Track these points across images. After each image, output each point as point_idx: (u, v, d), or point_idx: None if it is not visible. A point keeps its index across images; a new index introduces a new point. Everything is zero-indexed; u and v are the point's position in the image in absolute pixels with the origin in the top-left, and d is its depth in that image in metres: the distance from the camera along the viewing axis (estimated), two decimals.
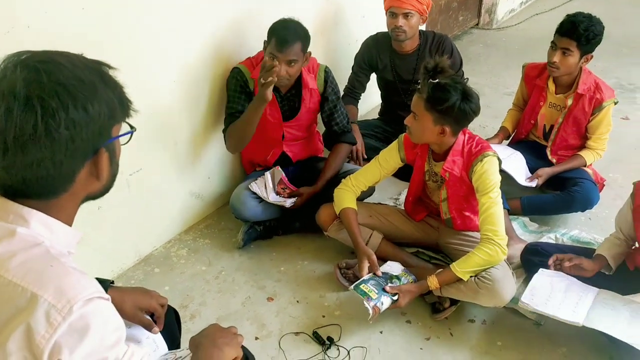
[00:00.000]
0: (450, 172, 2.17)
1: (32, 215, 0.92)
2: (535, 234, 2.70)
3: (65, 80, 0.86)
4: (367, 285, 2.10)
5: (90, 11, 1.96)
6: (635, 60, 4.86)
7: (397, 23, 2.88)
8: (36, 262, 0.88)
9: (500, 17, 5.81)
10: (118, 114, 0.96)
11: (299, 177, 2.73)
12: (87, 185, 0.97)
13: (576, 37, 2.58)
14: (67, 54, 0.92)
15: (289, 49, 2.35)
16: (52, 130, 0.84)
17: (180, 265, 2.55)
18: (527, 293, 2.08)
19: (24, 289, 0.85)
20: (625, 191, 3.04)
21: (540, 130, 2.95)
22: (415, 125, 2.13)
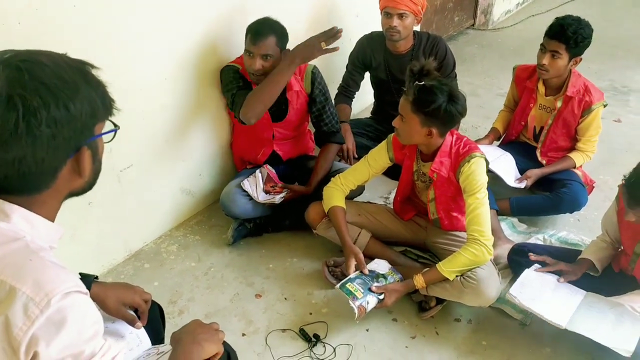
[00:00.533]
0: (438, 172, 2.19)
1: (14, 210, 0.93)
2: (523, 234, 2.72)
3: (47, 79, 0.88)
4: (353, 284, 2.12)
5: (81, 8, 1.97)
6: (629, 63, 4.88)
7: (392, 23, 2.89)
8: (15, 256, 0.90)
9: (496, 18, 5.82)
10: (100, 112, 0.97)
11: (289, 176, 2.75)
12: (70, 182, 0.98)
13: (565, 39, 2.60)
14: (50, 54, 0.93)
15: (262, 42, 2.37)
16: (34, 128, 0.86)
17: (170, 261, 2.56)
18: (516, 286, 2.11)
19: (2, 281, 0.86)
20: (614, 193, 3.05)
21: (531, 132, 2.97)
22: (402, 127, 2.14)
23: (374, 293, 2.11)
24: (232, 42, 2.69)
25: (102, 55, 2.06)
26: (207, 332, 1.26)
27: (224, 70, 2.57)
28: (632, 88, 4.45)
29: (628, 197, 1.93)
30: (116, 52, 2.14)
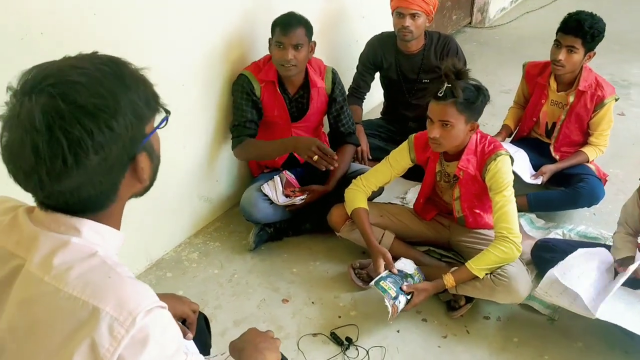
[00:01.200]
0: (465, 170, 2.19)
1: (84, 223, 0.91)
2: (542, 230, 2.74)
3: (83, 101, 0.82)
4: (386, 283, 2.11)
5: (101, 16, 1.95)
6: (626, 57, 4.94)
7: (404, 23, 2.90)
8: (94, 274, 0.87)
9: (492, 16, 5.85)
10: (147, 113, 0.93)
11: (306, 178, 2.73)
12: (131, 187, 0.96)
13: (582, 34, 2.62)
14: (81, 63, 0.87)
15: (293, 31, 2.39)
16: (82, 158, 0.82)
17: (192, 269, 2.54)
18: (543, 284, 2.10)
19: (84, 302, 0.83)
20: (627, 186, 3.11)
21: (543, 128, 2.99)
22: (447, 133, 2.09)
23: (404, 292, 2.11)
24: (249, 47, 2.69)
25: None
26: (266, 340, 1.25)
27: (236, 82, 2.57)
28: (631, 82, 4.49)
29: None
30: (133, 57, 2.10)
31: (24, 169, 0.84)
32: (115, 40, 2.02)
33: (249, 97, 2.53)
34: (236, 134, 2.58)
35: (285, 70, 2.46)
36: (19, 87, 0.84)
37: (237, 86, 2.55)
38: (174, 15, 2.26)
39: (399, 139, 3.23)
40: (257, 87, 2.53)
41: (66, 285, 0.85)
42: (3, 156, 0.86)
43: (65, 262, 0.87)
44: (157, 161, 1.00)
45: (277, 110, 2.58)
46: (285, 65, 2.42)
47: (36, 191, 0.87)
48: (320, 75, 2.60)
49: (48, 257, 0.87)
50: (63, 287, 0.85)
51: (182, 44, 2.33)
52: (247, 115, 2.54)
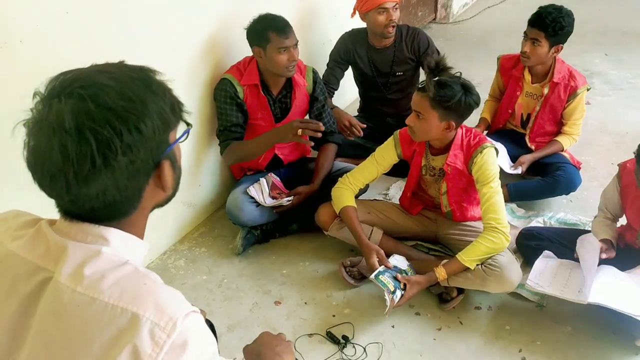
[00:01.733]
0: (453, 166, 2.22)
1: (111, 233, 0.90)
2: (523, 219, 2.80)
3: (112, 103, 0.83)
4: (385, 277, 2.12)
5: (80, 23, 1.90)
6: (586, 48, 5.09)
7: (392, 17, 2.94)
8: (129, 281, 0.86)
9: (455, 11, 5.96)
10: (172, 121, 0.93)
11: (290, 179, 2.73)
12: (154, 197, 0.95)
13: (543, 27, 2.69)
14: (109, 69, 0.89)
15: (291, 32, 2.42)
16: (111, 160, 0.82)
17: (179, 276, 2.50)
18: (532, 275, 2.16)
19: (123, 309, 0.82)
20: (599, 172, 3.22)
21: (518, 119, 3.06)
22: (419, 124, 2.15)
23: (400, 287, 2.13)
24: (226, 50, 2.66)
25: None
26: (282, 343, 1.24)
27: (218, 86, 2.54)
28: (593, 71, 4.64)
29: None
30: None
31: (51, 172, 0.82)
32: (94, 47, 1.97)
33: (232, 100, 2.51)
34: (222, 138, 2.56)
35: (290, 72, 2.47)
36: (46, 92, 0.84)
37: (220, 90, 2.52)
38: (152, 21, 2.22)
39: (377, 136, 3.25)
40: (240, 90, 2.51)
41: (101, 293, 0.84)
42: (28, 162, 0.84)
43: (97, 272, 0.86)
44: (179, 172, 1.00)
45: (261, 112, 2.57)
46: (293, 65, 2.44)
47: (62, 195, 0.85)
48: (301, 74, 2.60)
49: (79, 267, 0.85)
50: (98, 296, 0.83)
51: (161, 49, 2.29)
52: (232, 119, 2.53)
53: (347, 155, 3.14)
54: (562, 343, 2.13)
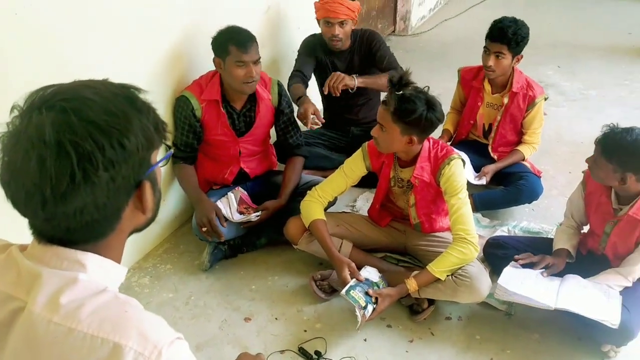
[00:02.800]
0: (420, 178, 2.23)
1: (88, 258, 0.85)
2: (488, 228, 2.84)
3: (95, 116, 0.79)
4: (356, 292, 2.11)
5: (34, 40, 1.83)
6: (539, 60, 5.25)
7: (334, 32, 2.96)
8: (109, 310, 0.81)
9: (414, 24, 6.05)
10: (155, 139, 0.89)
11: (258, 193, 2.69)
12: (133, 219, 0.91)
13: (506, 41, 2.76)
14: (93, 84, 0.85)
15: (251, 48, 2.36)
16: (91, 175, 0.78)
17: (144, 294, 2.41)
18: (500, 285, 2.18)
19: (103, 339, 0.78)
20: (558, 181, 3.30)
21: (480, 130, 3.11)
22: (382, 136, 2.17)
23: (371, 301, 2.12)
24: (188, 65, 2.62)
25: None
26: None
27: (176, 103, 2.51)
28: (547, 83, 4.78)
29: (601, 149, 2.05)
30: (67, 79, 1.99)
31: (27, 187, 0.77)
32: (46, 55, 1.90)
33: (186, 120, 2.48)
34: (174, 152, 2.55)
35: (248, 88, 2.42)
36: (25, 106, 0.80)
37: (177, 107, 2.49)
38: (112, 32, 2.16)
39: (342, 146, 3.27)
40: (198, 107, 2.47)
41: (79, 323, 0.79)
42: (2, 178, 0.80)
43: (75, 300, 0.81)
44: (159, 195, 0.97)
45: (221, 129, 2.52)
46: (249, 82, 2.38)
47: (37, 213, 0.80)
48: (266, 88, 2.57)
49: (54, 296, 0.80)
50: (76, 326, 0.79)
51: (122, 64, 2.22)
52: (183, 138, 2.52)
53: (313, 167, 3.13)
54: (530, 351, 2.16)
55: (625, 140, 2.00)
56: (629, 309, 2.02)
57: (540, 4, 7.20)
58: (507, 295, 2.13)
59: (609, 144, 2.03)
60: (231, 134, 2.54)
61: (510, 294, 2.12)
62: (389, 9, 5.65)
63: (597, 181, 2.17)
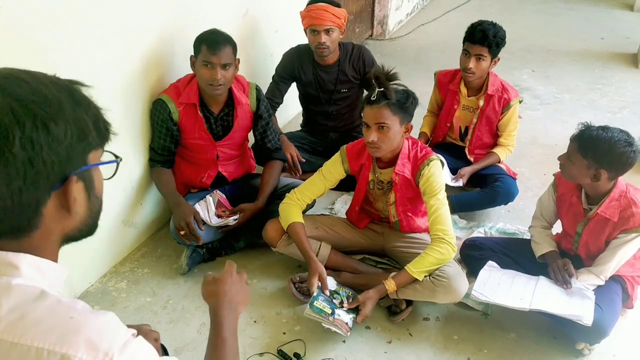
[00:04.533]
0: (401, 174, 2.25)
1: (21, 259, 0.80)
2: (465, 229, 2.88)
3: (24, 96, 0.76)
4: (319, 302, 2.13)
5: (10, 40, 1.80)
6: (514, 64, 5.35)
7: (320, 40, 2.95)
8: (53, 317, 0.77)
9: (391, 28, 6.11)
10: (93, 137, 0.84)
11: (236, 196, 2.69)
12: (59, 220, 0.84)
13: (487, 43, 2.80)
14: (34, 72, 0.82)
15: (221, 51, 2.33)
16: (4, 151, 0.73)
17: (121, 299, 2.39)
18: (477, 285, 2.21)
19: (50, 351, 0.74)
20: (533, 183, 3.36)
21: (457, 132, 3.15)
22: (384, 136, 2.15)
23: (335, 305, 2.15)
24: (166, 68, 2.61)
25: None
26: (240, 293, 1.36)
27: (153, 106, 2.49)
28: (523, 87, 4.87)
29: (577, 145, 2.10)
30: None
31: None
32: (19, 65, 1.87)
33: (163, 123, 2.46)
34: (150, 156, 2.57)
35: (212, 90, 2.39)
36: None
37: (154, 111, 2.48)
38: (90, 37, 2.13)
39: (321, 150, 3.28)
40: (175, 111, 2.45)
41: (22, 336, 0.75)
42: None
43: (14, 310, 0.77)
44: (97, 202, 0.91)
45: (198, 132, 2.51)
46: (214, 85, 2.36)
47: None
48: (244, 92, 2.56)
49: None
50: (19, 340, 0.75)
51: (98, 66, 2.20)
52: (160, 141, 2.51)
53: None
54: (507, 350, 2.19)
55: (601, 136, 2.05)
56: (601, 307, 2.07)
57: (515, 9, 7.33)
58: (485, 296, 2.16)
59: (586, 140, 2.08)
60: (208, 137, 2.53)
61: (485, 300, 2.15)
62: (366, 13, 5.69)
63: (567, 179, 2.21)
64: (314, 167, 2.81)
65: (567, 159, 2.15)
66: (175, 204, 2.46)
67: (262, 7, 3.38)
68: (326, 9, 2.93)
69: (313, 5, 2.97)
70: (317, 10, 2.93)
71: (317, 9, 2.93)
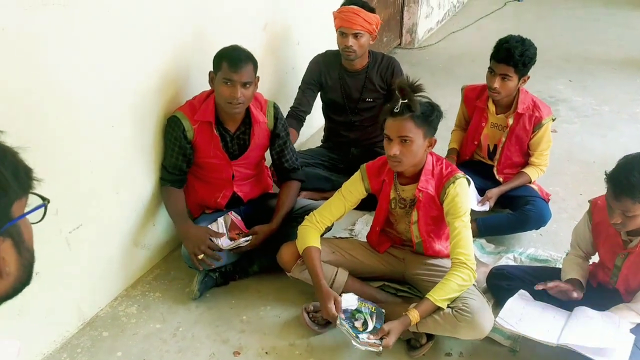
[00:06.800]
0: (425, 191, 2.13)
1: None
2: (493, 255, 2.71)
3: None
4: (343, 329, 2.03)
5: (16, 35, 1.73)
6: (550, 73, 5.12)
7: (347, 43, 2.87)
8: None
9: (420, 37, 5.95)
10: (13, 190, 0.75)
11: (252, 217, 2.59)
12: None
13: (513, 63, 2.63)
14: None
15: (243, 69, 2.25)
16: None
17: (131, 325, 2.31)
18: (502, 313, 2.06)
19: None
20: (568, 204, 3.16)
21: (485, 150, 2.99)
22: (406, 149, 2.05)
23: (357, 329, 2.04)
24: (182, 84, 2.54)
25: (40, 103, 1.84)
26: None
27: (167, 124, 2.42)
28: (558, 98, 4.66)
29: (613, 187, 1.87)
30: (56, 98, 1.91)
31: None
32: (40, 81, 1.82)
33: (176, 141, 2.38)
34: (161, 174, 2.49)
35: (231, 109, 2.31)
36: None
37: (168, 128, 2.40)
38: (103, 54, 2.07)
39: (342, 167, 3.17)
40: (190, 128, 2.37)
41: None
42: None
43: None
44: (29, 256, 0.81)
45: (213, 151, 2.43)
46: (233, 103, 2.28)
47: None
48: (261, 110, 2.47)
49: None
50: None
51: (112, 84, 2.13)
52: (172, 160, 2.42)
53: (312, 189, 3.04)
54: None
55: None
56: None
57: (551, 15, 7.08)
58: (510, 325, 2.01)
59: None
60: (224, 157, 2.45)
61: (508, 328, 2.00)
62: (394, 21, 5.55)
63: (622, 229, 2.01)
64: (334, 186, 2.72)
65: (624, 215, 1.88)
66: (184, 229, 2.38)
67: (281, 20, 3.29)
68: (357, 12, 2.84)
69: (345, 7, 2.89)
70: (348, 12, 2.85)
71: (348, 11, 2.85)
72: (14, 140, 0.78)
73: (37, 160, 0.86)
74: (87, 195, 2.16)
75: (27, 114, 1.80)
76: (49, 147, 1.91)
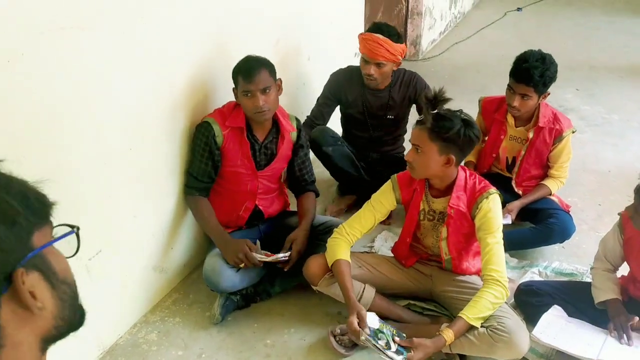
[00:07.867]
0: (457, 208, 2.09)
1: None
2: (517, 269, 2.66)
3: None
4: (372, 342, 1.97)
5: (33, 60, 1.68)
6: (558, 83, 4.99)
7: (369, 72, 2.84)
8: None
9: (424, 48, 5.93)
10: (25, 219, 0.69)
11: (271, 237, 2.53)
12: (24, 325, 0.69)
13: (533, 84, 2.58)
14: None
15: (257, 76, 2.23)
16: None
17: (152, 353, 2.24)
18: (539, 327, 2.02)
19: None
20: (587, 215, 3.12)
21: (503, 163, 2.95)
22: (418, 158, 2.04)
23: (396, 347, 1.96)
24: (207, 96, 2.52)
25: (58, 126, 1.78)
26: None
27: (198, 128, 2.37)
28: (567, 107, 4.62)
29: None
30: (76, 123, 1.86)
31: None
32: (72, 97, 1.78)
33: (206, 146, 2.33)
34: (188, 182, 2.42)
35: (260, 117, 2.29)
36: None
37: (198, 134, 2.36)
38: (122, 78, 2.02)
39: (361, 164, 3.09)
40: (220, 134, 2.33)
41: None
42: None
43: None
44: (66, 287, 0.76)
45: (241, 159, 2.38)
46: (259, 112, 2.26)
47: None
48: (286, 121, 2.46)
49: None
50: None
51: (130, 107, 2.09)
52: (202, 166, 2.37)
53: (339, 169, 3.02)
54: None
55: None
56: None
57: (551, 24, 7.06)
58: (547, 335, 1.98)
59: None
60: (251, 166, 2.40)
61: (547, 342, 1.96)
62: None
63: None
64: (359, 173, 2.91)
65: (635, 211, 1.92)
66: (224, 239, 2.34)
67: (293, 36, 3.25)
68: (382, 43, 2.77)
69: (370, 35, 2.81)
70: (372, 42, 2.78)
71: (372, 40, 2.78)
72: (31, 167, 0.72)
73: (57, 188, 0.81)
74: (106, 220, 2.10)
75: (45, 139, 1.75)
76: (68, 174, 1.86)
